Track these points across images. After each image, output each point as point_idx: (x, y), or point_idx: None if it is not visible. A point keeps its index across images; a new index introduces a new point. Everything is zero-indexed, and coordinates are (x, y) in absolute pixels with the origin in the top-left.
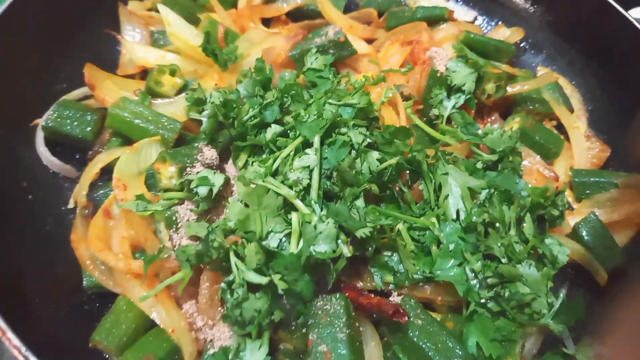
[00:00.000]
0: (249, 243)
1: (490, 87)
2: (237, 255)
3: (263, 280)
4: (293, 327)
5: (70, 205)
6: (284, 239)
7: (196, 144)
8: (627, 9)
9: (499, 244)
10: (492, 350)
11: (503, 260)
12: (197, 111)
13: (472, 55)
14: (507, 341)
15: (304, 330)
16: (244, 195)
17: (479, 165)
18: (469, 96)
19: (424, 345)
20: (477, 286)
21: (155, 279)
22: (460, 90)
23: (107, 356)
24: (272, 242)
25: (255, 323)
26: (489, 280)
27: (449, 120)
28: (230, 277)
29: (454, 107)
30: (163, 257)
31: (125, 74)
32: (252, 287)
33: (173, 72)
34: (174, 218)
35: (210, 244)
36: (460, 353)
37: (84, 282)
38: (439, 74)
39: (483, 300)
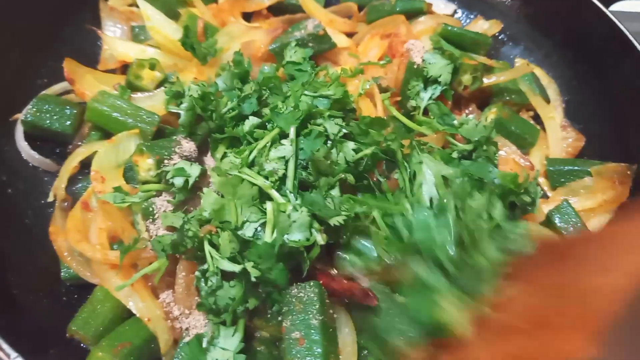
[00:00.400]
0: (223, 232)
1: (466, 78)
2: (212, 244)
3: (236, 268)
4: (268, 315)
5: (50, 198)
6: (259, 229)
7: (174, 137)
8: (610, 3)
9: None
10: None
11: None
12: (175, 104)
13: (448, 47)
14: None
15: (279, 318)
16: (219, 186)
17: (454, 154)
18: (445, 87)
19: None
20: None
21: (133, 269)
22: (437, 81)
23: (84, 346)
24: (247, 232)
25: (229, 311)
26: None
27: (426, 112)
28: (205, 266)
29: (430, 98)
30: (139, 248)
31: (106, 69)
32: (227, 276)
33: (152, 66)
34: (150, 209)
35: (185, 234)
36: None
37: (62, 274)
38: (415, 66)
39: None
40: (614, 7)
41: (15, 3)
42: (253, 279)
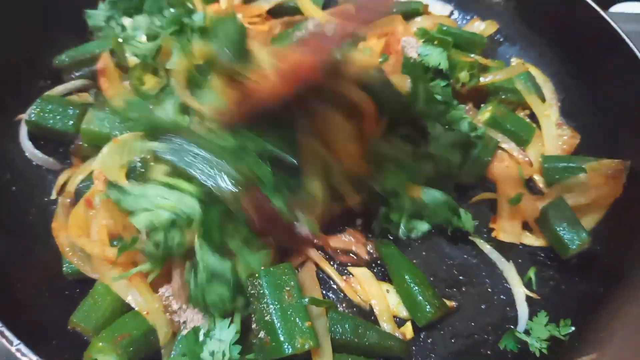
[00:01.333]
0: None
1: (463, 75)
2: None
3: (226, 266)
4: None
5: (53, 196)
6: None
7: None
8: (610, 5)
9: None
10: None
11: None
12: None
13: (435, 34)
14: None
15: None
16: (135, 205)
17: None
18: (448, 82)
19: None
20: None
21: (131, 265)
22: (439, 72)
23: (86, 337)
24: (188, 202)
25: (218, 307)
26: None
27: None
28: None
29: None
30: (137, 248)
31: None
32: (217, 273)
33: (155, 71)
34: None
35: (170, 243)
36: None
37: (64, 269)
38: (412, 61)
39: None
40: (615, 8)
41: (20, 7)
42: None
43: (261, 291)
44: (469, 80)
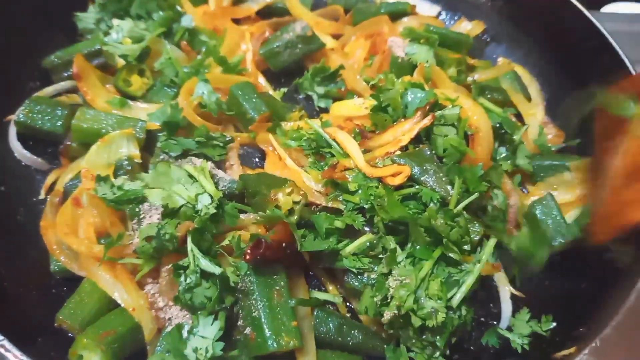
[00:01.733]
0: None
1: (451, 71)
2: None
3: (216, 270)
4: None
5: (41, 196)
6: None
7: None
8: (602, 5)
9: None
10: None
11: None
12: None
13: (421, 33)
14: None
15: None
16: (153, 181)
17: None
18: None
19: None
20: None
21: (119, 263)
22: None
23: (72, 335)
24: (204, 201)
25: (206, 309)
26: None
27: None
28: (185, 261)
29: None
30: (124, 244)
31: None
32: (205, 274)
33: (142, 72)
34: (137, 210)
35: (162, 238)
36: None
37: (52, 267)
38: (399, 60)
39: None
40: (606, 8)
41: (9, 8)
42: (232, 284)
43: (251, 287)
44: (457, 76)
